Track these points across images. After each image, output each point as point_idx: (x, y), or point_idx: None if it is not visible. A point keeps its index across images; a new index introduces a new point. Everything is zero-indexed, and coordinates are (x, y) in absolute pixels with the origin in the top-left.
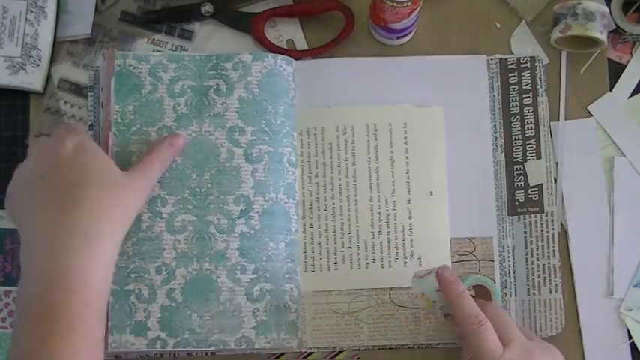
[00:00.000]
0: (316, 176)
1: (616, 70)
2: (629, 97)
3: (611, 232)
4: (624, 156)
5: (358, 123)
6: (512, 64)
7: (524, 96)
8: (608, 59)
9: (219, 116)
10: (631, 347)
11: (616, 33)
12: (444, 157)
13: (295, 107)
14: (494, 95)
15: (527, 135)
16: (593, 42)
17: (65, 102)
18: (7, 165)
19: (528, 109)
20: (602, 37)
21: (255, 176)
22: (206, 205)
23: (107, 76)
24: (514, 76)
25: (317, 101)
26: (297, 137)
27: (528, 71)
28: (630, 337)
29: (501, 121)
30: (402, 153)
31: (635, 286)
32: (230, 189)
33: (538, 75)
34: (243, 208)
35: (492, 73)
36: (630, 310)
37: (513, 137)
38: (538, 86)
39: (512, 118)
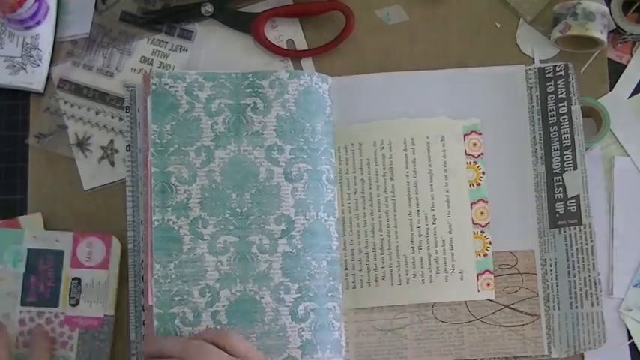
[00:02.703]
0: (355, 192)
1: (616, 70)
2: (630, 96)
3: (611, 232)
4: (625, 155)
5: (395, 137)
6: (549, 72)
7: (560, 105)
8: (608, 59)
9: (257, 135)
10: (631, 347)
11: (616, 33)
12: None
13: (332, 124)
14: (533, 106)
15: (564, 145)
16: (593, 42)
17: (65, 102)
18: (7, 165)
19: (564, 119)
20: (602, 37)
21: (295, 195)
22: (247, 226)
23: (143, 97)
24: (551, 85)
25: (353, 117)
26: (335, 154)
27: (563, 79)
28: (630, 337)
29: (541, 132)
30: (441, 166)
31: (635, 285)
32: (271, 208)
33: (571, 83)
34: (285, 228)
35: (531, 83)
36: (630, 310)
37: (552, 148)
38: (572, 94)
39: (551, 128)
